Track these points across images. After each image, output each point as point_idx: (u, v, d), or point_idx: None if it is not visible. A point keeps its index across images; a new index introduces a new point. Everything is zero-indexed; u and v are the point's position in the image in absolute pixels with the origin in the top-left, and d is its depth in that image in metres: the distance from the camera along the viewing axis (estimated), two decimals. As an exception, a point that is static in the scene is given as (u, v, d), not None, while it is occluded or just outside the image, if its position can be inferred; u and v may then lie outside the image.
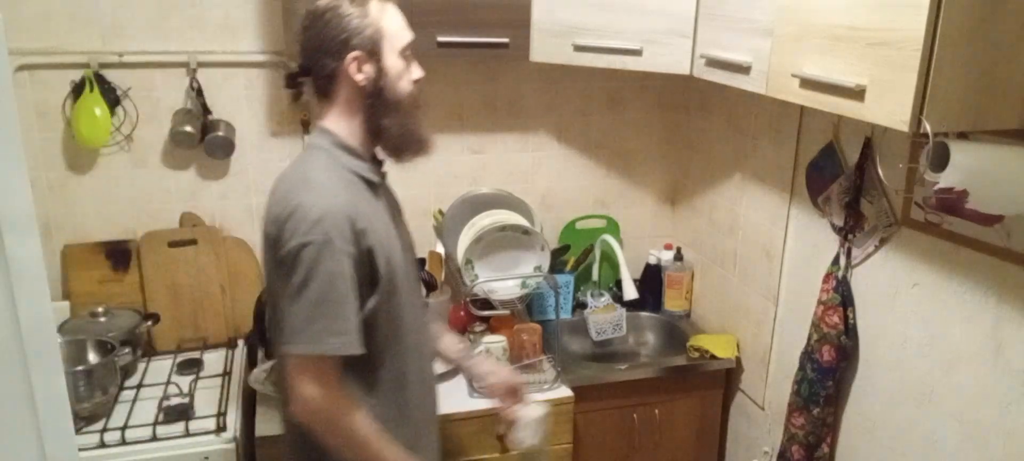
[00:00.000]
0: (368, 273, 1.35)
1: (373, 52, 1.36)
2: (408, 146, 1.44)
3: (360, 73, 1.36)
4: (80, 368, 1.88)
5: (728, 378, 2.39)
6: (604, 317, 2.47)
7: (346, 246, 1.29)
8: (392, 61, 1.39)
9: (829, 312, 1.82)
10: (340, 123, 1.40)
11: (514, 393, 1.70)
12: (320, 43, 1.36)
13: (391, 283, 1.39)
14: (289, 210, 1.29)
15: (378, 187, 1.45)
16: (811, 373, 1.86)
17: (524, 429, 1.65)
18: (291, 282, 1.28)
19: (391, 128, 1.41)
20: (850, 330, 1.82)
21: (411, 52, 1.44)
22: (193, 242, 2.22)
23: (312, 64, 1.38)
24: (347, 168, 1.39)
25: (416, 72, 1.44)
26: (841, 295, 1.81)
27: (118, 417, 1.86)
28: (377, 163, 1.47)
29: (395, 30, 1.39)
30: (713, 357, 2.30)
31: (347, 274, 1.30)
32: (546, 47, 2.11)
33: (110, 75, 2.12)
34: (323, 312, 1.28)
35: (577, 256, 2.57)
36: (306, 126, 2.29)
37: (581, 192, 2.62)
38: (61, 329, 2.01)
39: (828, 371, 1.84)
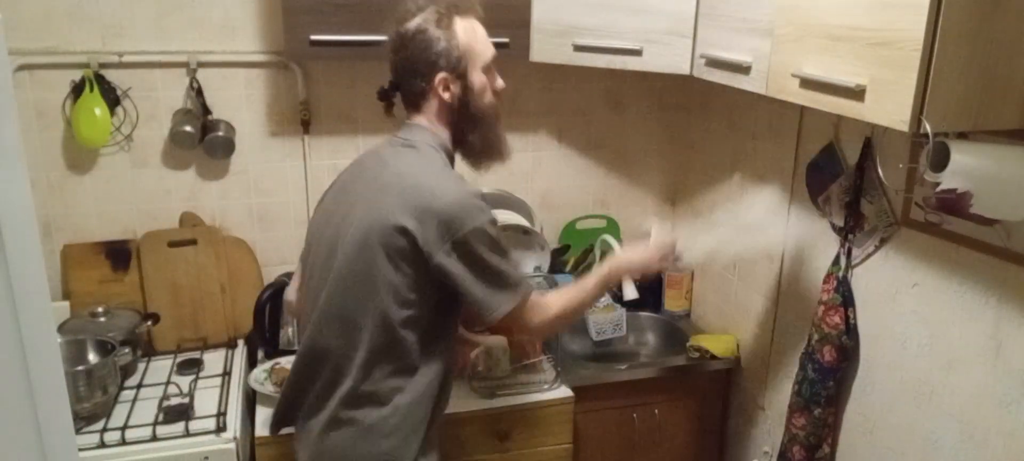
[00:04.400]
0: None
1: (459, 72, 1.48)
2: (490, 156, 1.59)
3: (447, 92, 1.49)
4: (80, 368, 1.87)
5: (728, 378, 2.39)
6: (604, 317, 2.47)
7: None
8: (476, 78, 1.50)
9: (830, 312, 1.82)
10: (434, 127, 1.53)
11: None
12: (410, 64, 1.48)
13: None
14: (457, 200, 1.42)
15: None
16: (812, 373, 1.86)
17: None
18: (488, 253, 1.44)
19: (475, 141, 1.55)
20: (851, 330, 1.82)
21: (493, 65, 1.55)
22: (193, 242, 2.22)
23: (402, 82, 1.52)
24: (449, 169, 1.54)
25: (498, 83, 1.56)
26: (842, 295, 1.81)
27: (118, 417, 1.86)
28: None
29: (479, 48, 1.50)
30: (713, 357, 2.30)
31: None
32: (546, 47, 2.11)
33: (110, 75, 2.12)
34: (513, 266, 1.51)
35: (577, 256, 2.57)
36: (306, 126, 2.29)
37: (581, 192, 2.62)
38: (61, 329, 2.01)
39: (829, 371, 1.84)
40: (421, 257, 1.42)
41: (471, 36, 1.49)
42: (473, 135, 1.54)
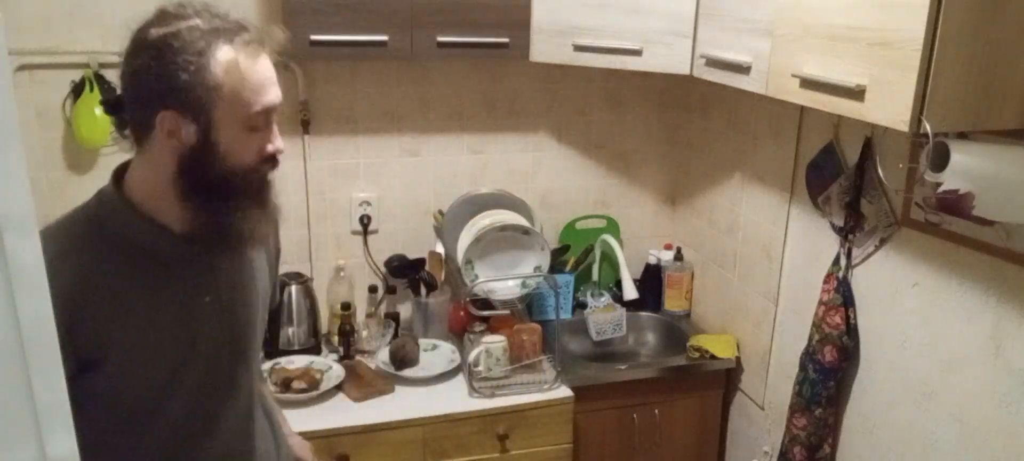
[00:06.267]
0: (74, 359, 1.07)
1: (199, 115, 1.06)
2: (210, 237, 1.15)
3: (172, 137, 1.07)
4: (80, 368, 1.87)
5: (728, 378, 2.39)
6: (604, 317, 2.47)
7: None
8: (226, 132, 1.08)
9: (830, 312, 1.82)
10: (145, 175, 1.14)
11: None
12: (137, 82, 1.08)
13: (128, 376, 1.15)
14: None
15: (177, 261, 1.17)
16: (813, 373, 1.86)
17: None
18: None
19: (196, 211, 1.12)
20: (851, 330, 1.82)
21: (269, 119, 1.13)
22: (193, 242, 2.22)
23: (127, 102, 1.11)
24: (116, 232, 1.13)
25: (271, 144, 1.13)
26: (842, 295, 1.81)
27: (118, 417, 1.86)
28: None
29: (243, 94, 1.07)
30: (713, 357, 2.30)
31: None
32: (546, 47, 2.11)
33: (110, 75, 2.11)
34: None
35: (577, 256, 2.57)
36: (306, 126, 2.29)
37: (581, 192, 2.62)
38: (61, 329, 2.01)
39: (830, 371, 1.84)
40: None
41: (235, 75, 1.06)
42: (195, 204, 1.11)
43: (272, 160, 1.15)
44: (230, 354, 1.27)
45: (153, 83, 1.05)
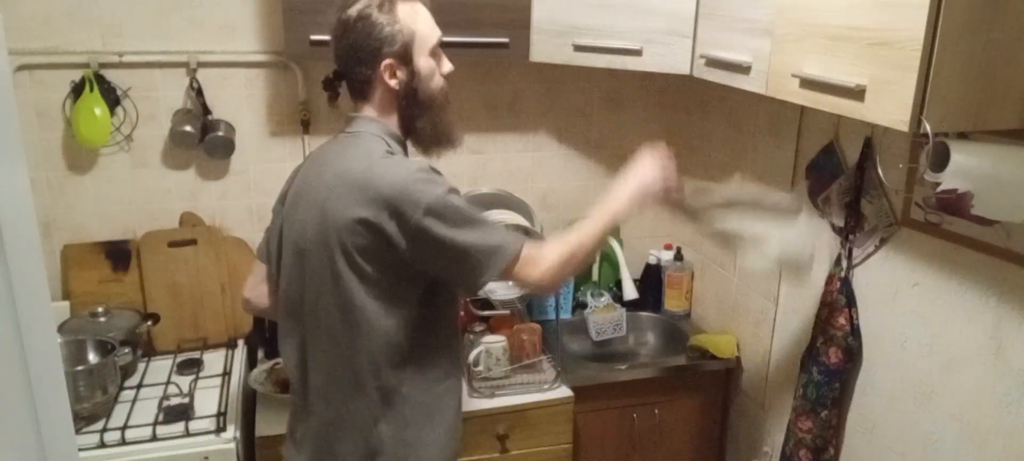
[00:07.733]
0: None
1: (404, 57, 1.43)
2: (439, 142, 1.52)
3: (393, 79, 1.43)
4: (80, 368, 1.87)
5: (728, 378, 2.39)
6: (604, 317, 2.47)
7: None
8: (423, 62, 1.45)
9: (835, 313, 1.82)
10: (381, 116, 1.48)
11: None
12: (354, 52, 1.42)
13: None
14: (403, 179, 1.35)
15: None
16: (817, 376, 1.85)
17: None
18: (455, 223, 1.36)
19: (424, 127, 1.49)
20: (855, 331, 1.82)
21: (440, 48, 1.50)
22: (193, 242, 2.22)
23: (347, 71, 1.47)
24: (399, 153, 1.47)
25: (446, 66, 1.51)
26: (845, 296, 1.81)
27: (118, 417, 1.86)
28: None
29: (425, 31, 1.45)
30: (713, 357, 2.30)
31: None
32: (546, 47, 2.11)
33: (110, 75, 2.12)
34: (490, 223, 1.42)
35: (577, 256, 2.57)
36: (306, 126, 2.29)
37: (581, 192, 2.62)
38: (61, 329, 2.01)
39: (835, 373, 1.83)
40: (390, 249, 1.37)
41: (415, 20, 1.43)
42: (422, 121, 1.49)
43: (447, 79, 1.52)
44: None
45: (371, 43, 1.41)
